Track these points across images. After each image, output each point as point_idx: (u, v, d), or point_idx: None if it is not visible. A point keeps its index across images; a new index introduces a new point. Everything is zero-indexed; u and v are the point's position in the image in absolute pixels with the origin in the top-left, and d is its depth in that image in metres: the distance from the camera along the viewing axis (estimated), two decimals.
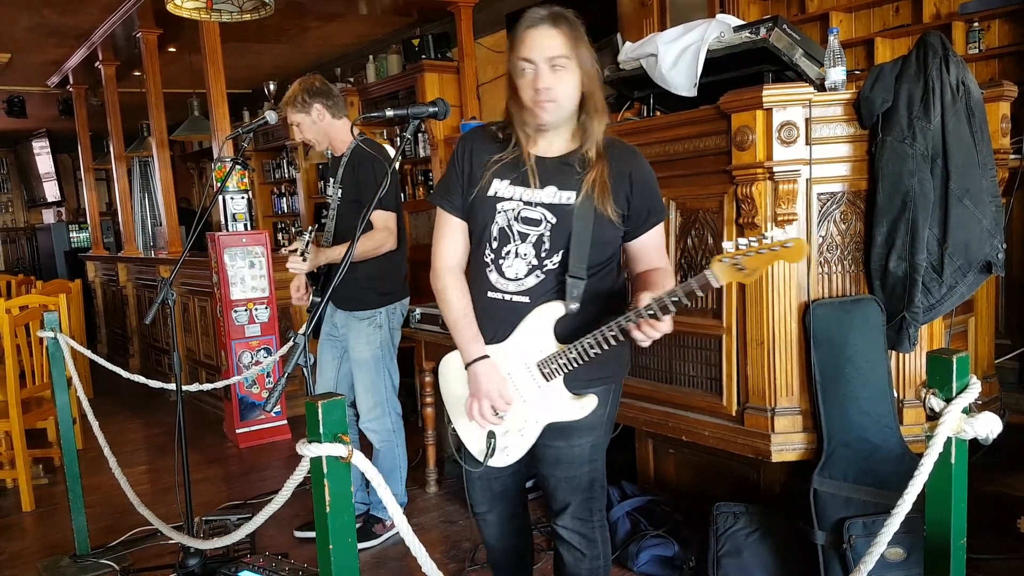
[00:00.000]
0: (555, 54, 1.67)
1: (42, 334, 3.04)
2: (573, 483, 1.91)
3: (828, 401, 2.29)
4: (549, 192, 1.77)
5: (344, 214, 3.04)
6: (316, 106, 3.02)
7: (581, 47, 1.70)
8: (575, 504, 1.93)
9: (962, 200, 2.21)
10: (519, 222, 1.79)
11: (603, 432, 1.91)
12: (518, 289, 1.79)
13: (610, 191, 1.74)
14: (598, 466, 1.93)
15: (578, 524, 1.94)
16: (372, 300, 3.03)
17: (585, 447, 1.87)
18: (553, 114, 1.72)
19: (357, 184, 2.96)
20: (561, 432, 1.84)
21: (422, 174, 6.66)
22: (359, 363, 3.07)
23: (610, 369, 1.86)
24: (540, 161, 1.79)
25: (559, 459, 1.88)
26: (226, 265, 4.55)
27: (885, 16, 4.48)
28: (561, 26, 1.68)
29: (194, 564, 2.71)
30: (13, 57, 7.11)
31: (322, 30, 6.87)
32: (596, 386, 1.83)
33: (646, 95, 2.91)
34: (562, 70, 1.68)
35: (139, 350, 7.02)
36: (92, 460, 3.94)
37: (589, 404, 1.79)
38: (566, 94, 1.70)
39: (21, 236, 12.80)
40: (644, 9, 4.97)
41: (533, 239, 1.78)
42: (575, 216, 1.74)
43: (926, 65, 2.21)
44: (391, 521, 3.15)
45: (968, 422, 1.27)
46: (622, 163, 1.78)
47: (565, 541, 1.97)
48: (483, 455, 1.88)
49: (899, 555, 2.15)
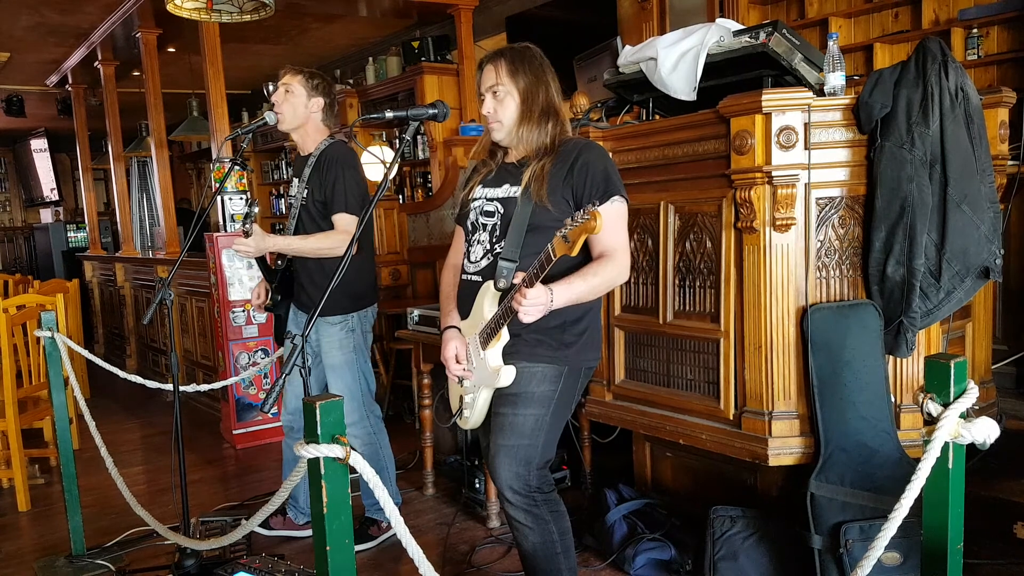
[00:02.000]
0: (491, 84, 2.07)
1: (39, 334, 3.03)
2: (511, 452, 2.05)
3: (825, 405, 2.29)
4: (504, 188, 2.12)
5: (310, 213, 2.96)
6: (319, 99, 2.96)
7: (519, 75, 2.06)
8: (511, 475, 2.05)
9: (960, 206, 2.21)
10: (482, 215, 2.14)
11: (550, 411, 2.06)
12: (476, 270, 2.12)
13: (547, 181, 2.00)
14: (538, 442, 2.06)
15: (519, 500, 2.06)
16: (345, 304, 2.95)
17: (528, 418, 2.04)
18: (499, 132, 2.10)
19: (323, 185, 2.89)
20: (509, 400, 2.05)
21: (421, 176, 6.67)
22: (333, 368, 3.01)
23: (551, 349, 2.05)
24: (503, 166, 2.17)
25: (502, 426, 2.06)
26: (224, 266, 4.55)
27: (884, 22, 4.49)
28: (498, 61, 2.08)
29: (190, 565, 2.70)
30: (12, 56, 7.10)
31: (322, 31, 6.88)
32: (541, 361, 2.04)
33: (645, 99, 2.91)
34: (501, 97, 2.06)
35: (136, 350, 7.01)
36: (88, 460, 3.94)
37: (505, 375, 1.98)
38: (506, 116, 2.07)
39: (19, 235, 12.78)
40: (644, 13, 4.98)
41: (489, 228, 2.12)
42: (516, 205, 2.04)
43: (925, 71, 2.21)
44: (387, 523, 3.15)
45: (966, 427, 1.27)
46: (567, 155, 2.04)
47: (512, 518, 2.11)
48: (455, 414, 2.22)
49: (896, 560, 2.15)
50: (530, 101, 2.06)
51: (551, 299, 1.84)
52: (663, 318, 2.67)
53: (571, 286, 1.90)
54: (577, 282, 1.92)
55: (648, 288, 2.74)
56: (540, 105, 2.06)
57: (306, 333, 1.89)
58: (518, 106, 2.06)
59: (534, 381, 2.04)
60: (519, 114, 2.06)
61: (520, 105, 2.06)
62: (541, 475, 2.09)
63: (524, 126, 2.07)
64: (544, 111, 2.07)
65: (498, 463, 2.07)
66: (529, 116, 2.06)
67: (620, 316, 2.84)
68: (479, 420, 2.14)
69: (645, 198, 2.70)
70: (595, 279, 1.95)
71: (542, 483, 2.09)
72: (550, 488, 2.12)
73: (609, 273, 1.97)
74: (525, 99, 2.06)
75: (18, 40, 6.54)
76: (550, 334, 2.03)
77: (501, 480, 2.07)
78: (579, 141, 2.11)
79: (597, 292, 2.00)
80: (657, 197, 2.67)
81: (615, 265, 1.98)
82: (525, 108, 2.06)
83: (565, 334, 2.06)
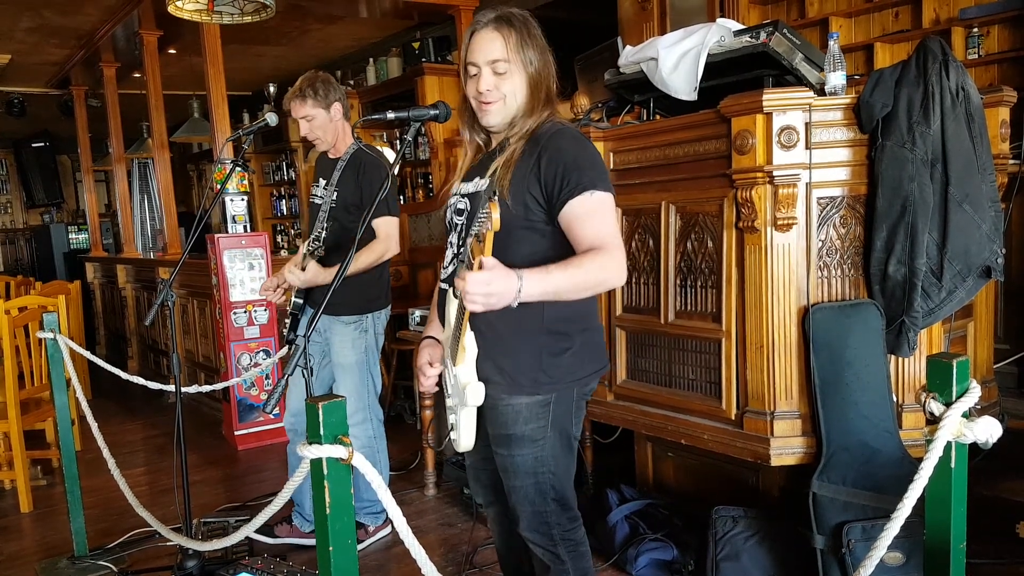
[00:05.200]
0: (496, 57, 1.70)
1: (41, 335, 3.04)
2: (520, 493, 1.86)
3: (827, 405, 2.29)
4: (474, 182, 1.83)
5: (340, 217, 2.94)
6: (336, 105, 2.95)
7: (527, 49, 1.71)
8: (527, 515, 1.88)
9: (962, 205, 2.21)
10: (455, 215, 1.87)
11: (547, 445, 1.82)
12: (444, 277, 1.87)
13: (512, 172, 1.70)
14: (545, 479, 1.84)
15: (537, 537, 1.88)
16: (360, 305, 2.96)
17: (527, 458, 1.82)
18: (496, 116, 1.75)
19: (360, 188, 2.90)
20: (503, 441, 1.83)
21: (422, 177, 6.67)
22: (343, 367, 3.00)
23: (529, 379, 1.77)
24: (482, 156, 1.87)
25: (505, 467, 1.87)
26: (225, 267, 4.55)
27: (885, 21, 4.50)
28: (503, 29, 1.70)
29: (192, 566, 2.70)
30: (13, 58, 7.11)
31: (322, 32, 6.88)
32: (521, 394, 1.77)
33: (646, 99, 2.91)
34: (506, 73, 1.71)
35: (138, 352, 7.02)
36: (91, 461, 3.94)
37: (473, 391, 1.69)
38: (512, 94, 1.73)
39: (20, 237, 12.77)
40: (644, 13, 4.98)
41: (458, 229, 1.84)
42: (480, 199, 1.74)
43: (926, 70, 2.21)
44: (374, 527, 3.15)
45: (968, 426, 1.27)
46: (537, 143, 1.72)
47: (530, 550, 1.94)
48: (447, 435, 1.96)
49: (898, 559, 2.15)
50: (539, 85, 1.74)
51: (518, 286, 1.47)
52: (664, 318, 2.67)
53: (548, 275, 1.53)
54: (556, 272, 1.54)
55: (649, 288, 2.74)
56: (544, 90, 1.75)
57: (308, 333, 1.89)
58: (526, 87, 1.72)
59: (520, 420, 1.79)
60: (527, 96, 1.73)
61: (529, 87, 1.73)
62: (559, 510, 1.87)
63: (529, 110, 1.75)
64: (548, 96, 1.76)
65: (513, 501, 1.89)
66: (536, 99, 1.74)
67: (621, 316, 2.84)
68: (469, 443, 1.85)
69: (646, 198, 2.71)
70: (578, 271, 1.57)
71: (561, 518, 1.88)
72: (571, 525, 1.89)
73: (594, 266, 1.58)
74: (535, 83, 1.73)
75: (19, 42, 6.55)
76: (527, 361, 1.75)
77: (523, 521, 1.89)
78: (552, 125, 1.76)
79: (582, 289, 1.60)
80: (658, 197, 2.67)
81: (604, 259, 1.60)
82: (532, 93, 1.73)
83: (542, 358, 1.77)
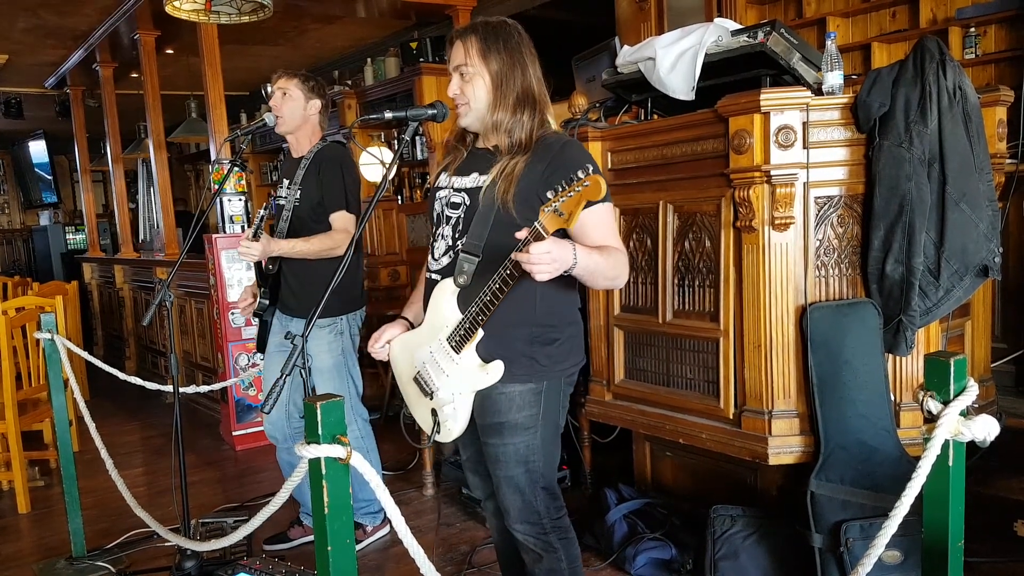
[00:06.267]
0: (459, 63, 1.85)
1: (39, 336, 3.03)
2: (511, 483, 1.92)
3: (825, 404, 2.29)
4: (472, 178, 1.90)
5: (302, 216, 2.93)
6: (317, 102, 2.97)
7: (490, 54, 1.83)
8: (518, 507, 1.93)
9: (959, 204, 2.22)
10: (448, 207, 1.93)
11: (539, 433, 1.90)
12: (437, 268, 1.93)
13: (515, 184, 1.78)
14: (537, 467, 1.92)
15: (528, 528, 1.94)
16: (334, 307, 2.92)
17: (519, 446, 1.90)
18: (466, 118, 1.88)
19: (321, 186, 2.88)
20: (495, 430, 1.90)
21: (420, 177, 6.67)
22: (321, 371, 2.97)
23: (523, 366, 1.86)
24: (474, 152, 1.95)
25: (496, 457, 1.92)
26: (223, 267, 4.55)
27: (882, 21, 4.50)
28: (468, 37, 1.84)
29: (191, 567, 2.70)
30: (10, 58, 7.10)
31: (320, 32, 6.88)
32: (515, 382, 1.85)
33: (644, 98, 2.91)
34: (469, 78, 1.84)
35: (135, 352, 7.01)
36: (88, 462, 3.93)
37: (495, 370, 1.81)
38: (474, 98, 1.84)
39: (17, 238, 12.77)
40: (642, 13, 4.98)
41: (453, 221, 1.91)
42: (481, 195, 1.83)
43: (923, 70, 2.22)
44: (372, 527, 3.15)
45: (966, 425, 1.27)
46: (544, 152, 1.81)
47: (521, 543, 1.98)
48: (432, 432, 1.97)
49: (896, 558, 2.15)
50: (503, 86, 1.83)
51: (573, 252, 1.60)
52: (662, 317, 2.67)
53: (591, 253, 1.67)
54: (595, 254, 1.68)
55: (647, 288, 2.74)
56: (515, 91, 1.83)
57: (306, 333, 1.88)
58: (489, 91, 1.83)
59: (513, 408, 1.88)
60: (491, 100, 1.84)
61: (492, 91, 1.83)
62: (548, 498, 1.95)
63: (497, 113, 1.84)
64: (520, 99, 1.83)
65: (502, 494, 1.95)
66: (502, 103, 1.83)
67: (619, 316, 2.84)
68: (463, 428, 1.93)
69: (644, 198, 2.71)
70: (609, 259, 1.72)
71: (550, 507, 1.95)
72: (559, 513, 1.97)
73: (619, 262, 1.76)
74: (497, 84, 1.83)
75: (16, 42, 6.54)
76: (521, 349, 1.85)
77: (513, 514, 1.95)
78: (560, 137, 1.88)
79: (609, 276, 1.77)
80: (656, 197, 2.67)
81: (623, 259, 1.79)
82: (497, 94, 1.83)
83: (534, 346, 1.87)
